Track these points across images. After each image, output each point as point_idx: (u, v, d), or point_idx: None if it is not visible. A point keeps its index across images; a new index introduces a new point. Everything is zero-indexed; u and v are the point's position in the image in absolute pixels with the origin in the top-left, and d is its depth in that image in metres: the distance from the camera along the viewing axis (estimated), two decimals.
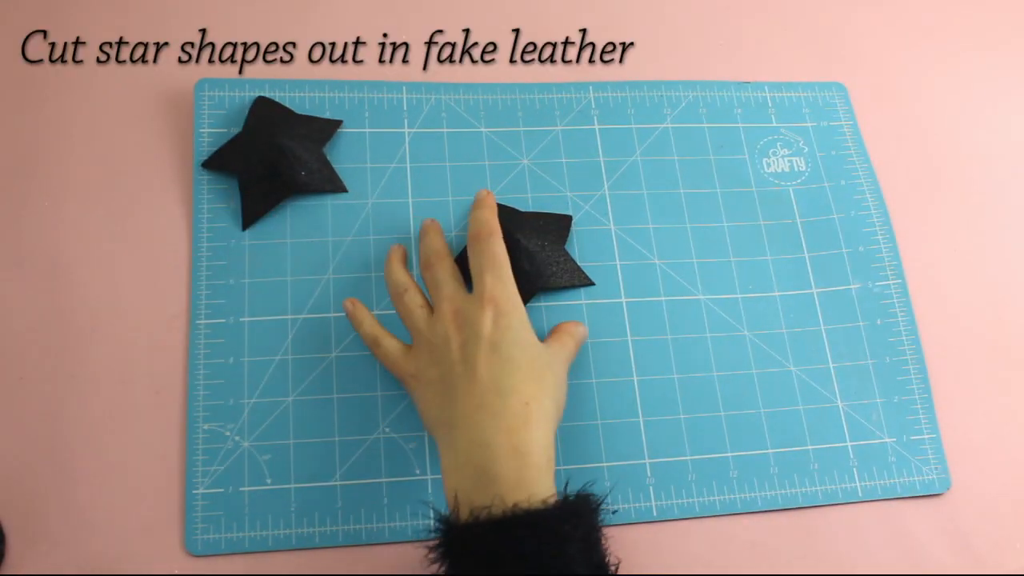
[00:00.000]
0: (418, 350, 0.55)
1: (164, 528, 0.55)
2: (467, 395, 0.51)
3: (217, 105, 0.64)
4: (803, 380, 0.63)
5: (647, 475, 0.59)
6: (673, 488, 0.59)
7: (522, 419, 0.50)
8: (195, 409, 0.57)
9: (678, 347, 0.62)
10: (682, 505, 0.59)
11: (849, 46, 0.75)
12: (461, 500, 0.48)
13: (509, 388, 0.51)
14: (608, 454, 0.59)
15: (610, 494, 0.57)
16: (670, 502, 0.59)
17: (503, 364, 0.51)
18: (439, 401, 0.52)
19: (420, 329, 0.55)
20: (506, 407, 0.50)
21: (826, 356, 0.64)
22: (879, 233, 0.68)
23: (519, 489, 0.47)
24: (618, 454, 0.59)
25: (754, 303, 0.64)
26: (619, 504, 0.58)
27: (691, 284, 0.64)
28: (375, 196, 0.64)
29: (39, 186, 0.61)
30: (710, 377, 0.62)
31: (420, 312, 0.55)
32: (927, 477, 0.61)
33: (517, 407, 0.50)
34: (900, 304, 0.66)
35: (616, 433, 0.60)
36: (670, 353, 0.62)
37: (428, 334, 0.54)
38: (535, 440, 0.49)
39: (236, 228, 0.61)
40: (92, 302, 0.59)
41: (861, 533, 0.60)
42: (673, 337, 0.63)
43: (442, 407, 0.52)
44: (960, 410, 0.63)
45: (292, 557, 0.55)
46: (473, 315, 0.53)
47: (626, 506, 0.58)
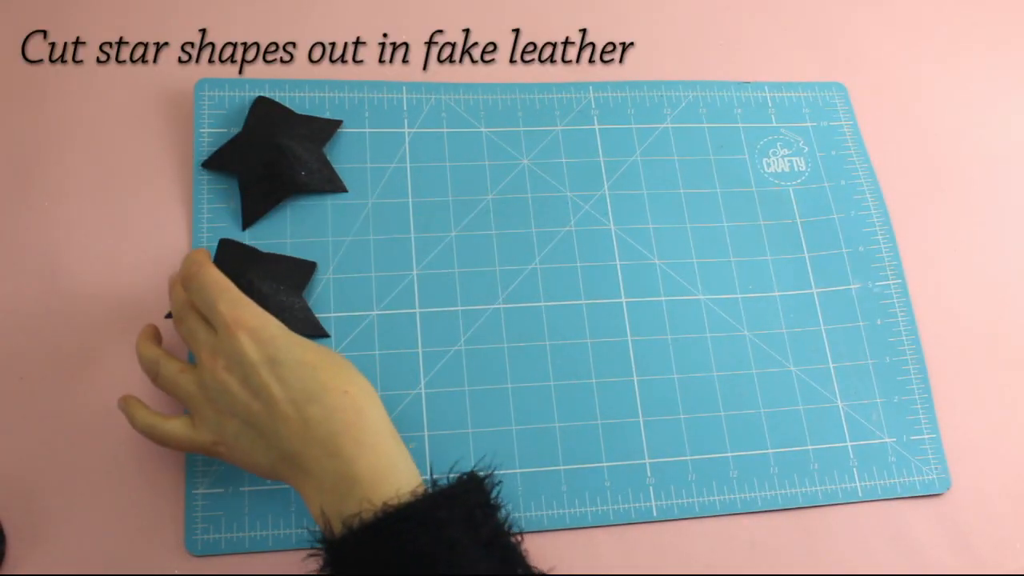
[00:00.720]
0: (203, 414, 0.50)
1: (164, 528, 0.55)
2: (284, 422, 0.47)
3: (217, 105, 0.64)
4: (803, 380, 0.63)
5: (647, 475, 0.59)
6: (673, 488, 0.59)
7: (352, 409, 0.47)
8: None
9: (678, 347, 0.62)
10: (682, 505, 0.59)
11: (849, 46, 0.75)
12: (330, 514, 0.45)
13: (319, 388, 0.48)
14: (608, 454, 0.59)
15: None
16: (670, 502, 0.59)
17: (295, 371, 0.48)
18: (260, 446, 0.48)
19: (192, 393, 0.50)
20: (329, 407, 0.47)
21: (826, 356, 0.64)
22: (879, 233, 0.68)
23: (382, 483, 0.45)
24: (618, 454, 0.59)
25: (754, 303, 0.64)
26: (619, 504, 0.58)
27: (691, 284, 0.64)
28: (375, 196, 0.64)
29: (39, 186, 0.61)
30: (710, 377, 0.62)
31: (184, 377, 0.51)
32: (927, 477, 0.61)
33: (339, 400, 0.47)
34: (900, 304, 0.66)
35: (616, 433, 0.60)
36: (670, 353, 0.62)
37: (203, 394, 0.50)
38: (374, 424, 0.47)
39: (236, 228, 0.61)
40: (92, 302, 0.59)
41: (861, 533, 0.60)
42: (673, 337, 0.63)
43: (268, 449, 0.48)
44: (960, 410, 0.63)
45: (292, 557, 0.55)
46: (231, 348, 0.48)
47: (626, 506, 0.58)
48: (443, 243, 0.63)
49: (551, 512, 0.58)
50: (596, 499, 0.58)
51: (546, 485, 0.58)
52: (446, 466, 0.57)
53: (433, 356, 0.60)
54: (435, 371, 0.60)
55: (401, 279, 0.62)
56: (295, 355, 0.48)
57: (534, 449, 0.59)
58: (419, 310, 0.61)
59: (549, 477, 0.58)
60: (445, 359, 0.60)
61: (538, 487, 0.58)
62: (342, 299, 0.61)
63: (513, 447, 0.59)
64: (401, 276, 0.62)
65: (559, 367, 0.61)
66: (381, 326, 0.60)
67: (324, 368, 0.48)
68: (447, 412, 0.59)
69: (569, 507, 0.58)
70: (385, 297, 0.61)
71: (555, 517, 0.57)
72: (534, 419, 0.59)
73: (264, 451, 0.48)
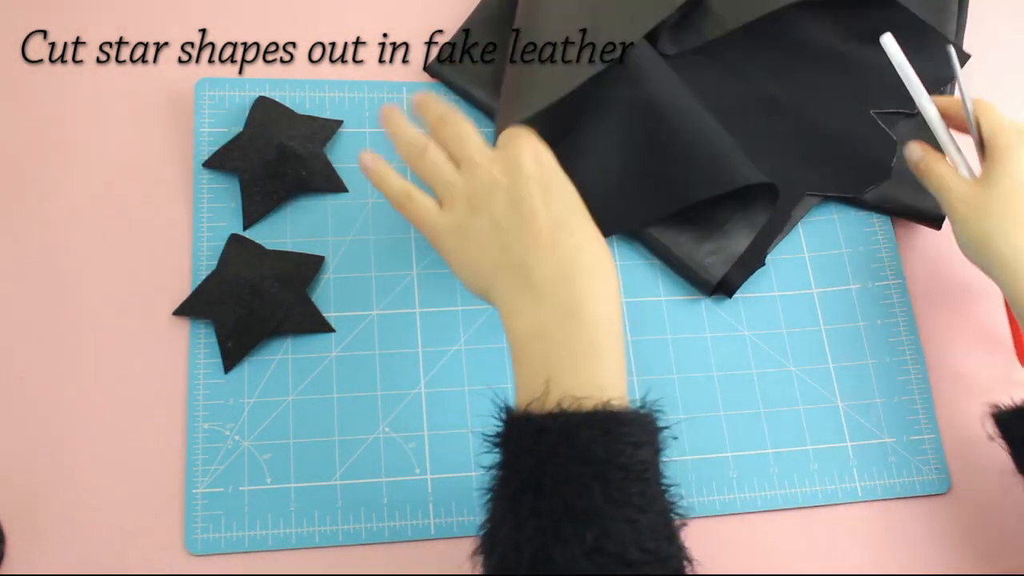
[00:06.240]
0: (453, 203, 0.50)
1: (164, 528, 0.55)
2: (533, 235, 0.47)
3: (217, 105, 0.64)
4: (803, 380, 0.63)
5: None
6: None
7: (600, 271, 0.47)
8: (195, 408, 0.57)
9: (678, 347, 0.62)
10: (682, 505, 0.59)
11: None
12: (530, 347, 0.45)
13: (576, 225, 0.48)
14: None
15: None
16: None
17: (562, 200, 0.48)
18: (496, 247, 0.48)
19: (451, 181, 0.50)
20: (579, 240, 0.47)
21: (826, 356, 0.64)
22: (879, 233, 0.68)
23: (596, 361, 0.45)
24: None
25: (754, 303, 0.64)
26: None
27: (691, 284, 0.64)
28: (375, 196, 0.64)
29: (39, 186, 0.61)
30: (710, 377, 0.62)
31: (448, 167, 0.50)
32: (927, 477, 0.61)
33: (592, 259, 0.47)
34: (900, 304, 0.66)
35: None
36: (670, 353, 0.62)
37: (465, 185, 0.49)
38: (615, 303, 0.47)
39: (237, 228, 0.61)
40: (92, 302, 0.59)
41: (861, 533, 0.60)
42: (673, 337, 0.63)
43: (502, 252, 0.48)
44: (960, 410, 0.63)
45: (292, 556, 0.55)
46: (512, 156, 0.48)
47: None
48: None
49: None
50: None
51: None
52: (446, 466, 0.58)
53: (433, 356, 0.60)
54: (435, 371, 0.60)
55: (401, 279, 0.62)
56: (565, 186, 0.49)
57: None
58: (419, 310, 0.61)
59: None
60: (445, 359, 0.60)
61: None
62: (342, 299, 0.61)
63: None
64: (401, 276, 0.62)
65: None
66: (381, 326, 0.60)
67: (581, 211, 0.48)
68: (447, 412, 0.59)
69: None
70: (385, 297, 0.61)
71: None
72: None
73: (498, 252, 0.48)
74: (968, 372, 0.65)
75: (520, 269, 0.47)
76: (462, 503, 0.57)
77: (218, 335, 0.58)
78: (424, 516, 0.56)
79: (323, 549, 0.55)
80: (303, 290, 0.60)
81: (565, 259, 0.46)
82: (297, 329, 0.59)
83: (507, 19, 0.68)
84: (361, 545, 0.56)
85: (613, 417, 0.43)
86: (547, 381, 0.44)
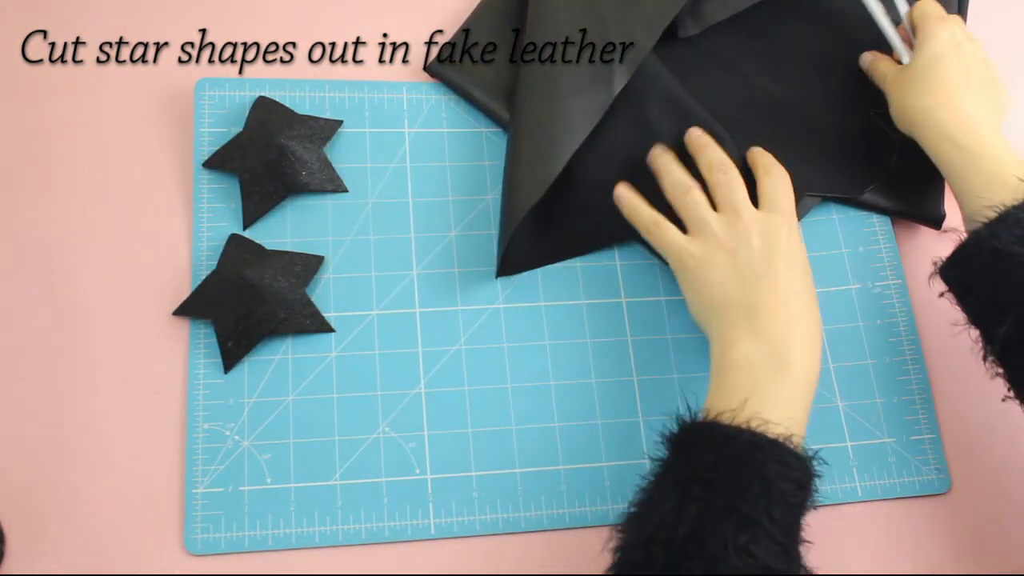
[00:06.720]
0: (704, 237, 0.57)
1: (164, 528, 0.55)
2: (770, 292, 0.54)
3: (217, 105, 0.64)
4: None
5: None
6: None
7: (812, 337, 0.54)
8: (195, 408, 0.57)
9: (677, 347, 0.62)
10: None
11: None
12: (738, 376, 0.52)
13: (806, 297, 0.55)
14: (608, 454, 0.59)
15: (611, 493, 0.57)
16: None
17: (799, 278, 0.55)
18: (733, 285, 0.55)
19: (707, 219, 0.57)
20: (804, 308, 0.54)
21: (826, 356, 0.63)
22: (879, 233, 0.68)
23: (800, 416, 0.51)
24: (618, 454, 0.59)
25: None
26: (619, 504, 0.58)
27: None
28: (375, 196, 0.64)
29: (39, 186, 0.61)
30: None
31: (706, 207, 0.58)
32: (927, 477, 0.61)
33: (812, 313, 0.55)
34: (900, 304, 0.66)
35: (616, 433, 0.60)
36: (670, 353, 0.62)
37: (722, 232, 0.56)
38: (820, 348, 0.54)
39: (237, 228, 0.61)
40: (92, 302, 0.59)
41: (861, 533, 0.60)
42: (672, 337, 0.63)
43: (737, 290, 0.54)
44: (960, 410, 0.63)
45: (292, 556, 0.55)
46: (774, 229, 0.56)
47: (627, 506, 0.58)
48: (443, 243, 0.63)
49: (551, 512, 0.58)
50: (596, 499, 0.58)
51: (546, 485, 0.58)
52: (446, 466, 0.58)
53: (433, 356, 0.60)
54: (435, 371, 0.60)
55: (401, 279, 0.62)
56: (801, 272, 0.56)
57: (534, 449, 0.59)
58: (419, 310, 0.61)
59: (549, 477, 0.58)
60: (445, 359, 0.60)
61: (538, 487, 0.58)
62: (342, 299, 0.61)
63: (513, 447, 0.59)
64: (401, 276, 0.62)
65: (559, 367, 0.61)
66: (381, 326, 0.60)
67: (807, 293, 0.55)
68: (447, 412, 0.59)
69: (569, 507, 0.58)
70: (385, 297, 0.61)
71: (555, 517, 0.57)
72: (534, 419, 0.59)
73: (732, 288, 0.55)
74: (968, 372, 0.65)
75: (748, 309, 0.54)
76: (462, 503, 0.57)
77: (218, 335, 0.58)
78: (424, 516, 0.56)
79: (323, 549, 0.55)
80: (303, 290, 0.60)
81: (790, 320, 0.53)
82: (297, 329, 0.59)
83: (507, 19, 0.68)
84: (361, 545, 0.56)
85: (790, 451, 0.48)
86: (745, 400, 0.50)
